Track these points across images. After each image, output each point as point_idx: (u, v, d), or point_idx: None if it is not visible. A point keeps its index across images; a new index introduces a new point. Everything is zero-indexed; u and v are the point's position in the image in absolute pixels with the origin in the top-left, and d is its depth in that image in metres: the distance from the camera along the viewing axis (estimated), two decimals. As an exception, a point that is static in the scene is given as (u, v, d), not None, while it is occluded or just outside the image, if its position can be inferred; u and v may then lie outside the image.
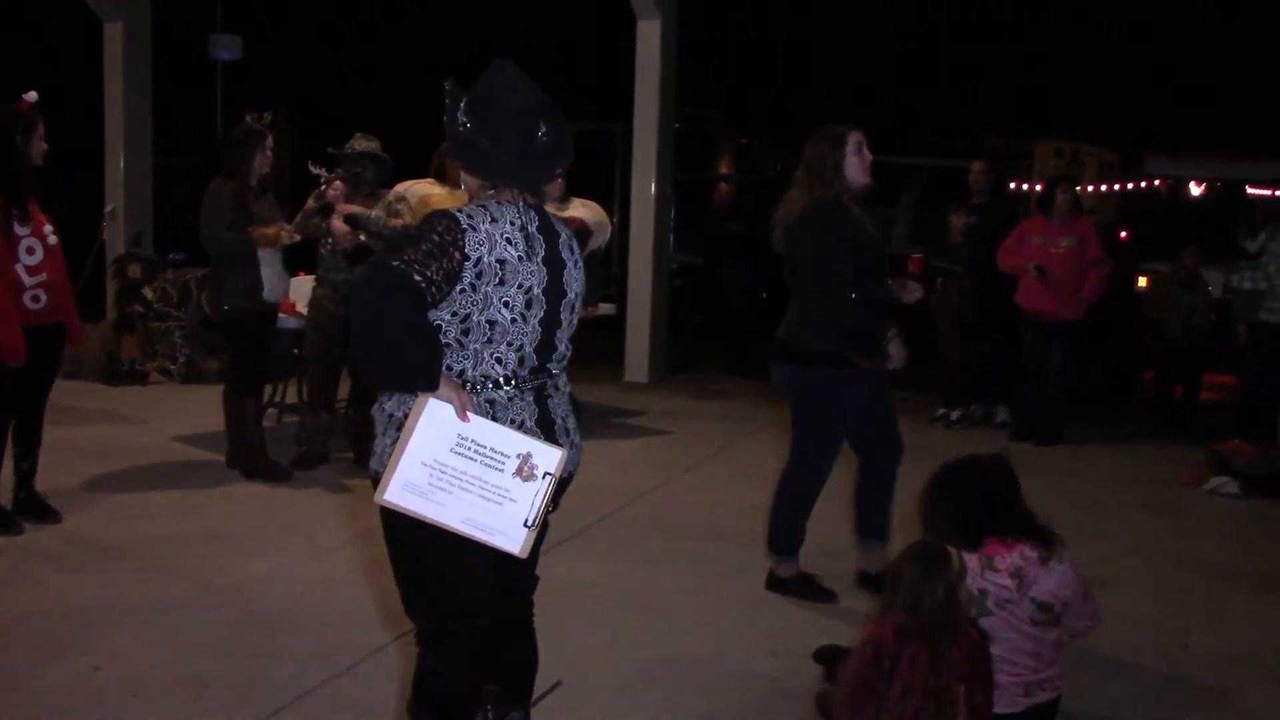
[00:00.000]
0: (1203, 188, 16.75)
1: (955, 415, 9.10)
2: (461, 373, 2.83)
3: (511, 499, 2.78)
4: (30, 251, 5.35)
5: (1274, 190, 15.75)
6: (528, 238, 2.86)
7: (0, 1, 15.97)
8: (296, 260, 7.07)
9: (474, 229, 2.77)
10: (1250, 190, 16.26)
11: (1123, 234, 15.70)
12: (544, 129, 2.92)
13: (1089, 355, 10.52)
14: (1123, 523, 6.55)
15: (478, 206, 2.84)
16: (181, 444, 7.53)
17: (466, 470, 2.77)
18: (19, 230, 5.33)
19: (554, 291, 2.91)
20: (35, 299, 5.38)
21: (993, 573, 3.57)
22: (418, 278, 2.69)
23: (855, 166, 4.85)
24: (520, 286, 2.82)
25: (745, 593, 5.13)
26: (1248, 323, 8.73)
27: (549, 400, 2.96)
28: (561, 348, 2.98)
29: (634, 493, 6.69)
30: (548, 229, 2.94)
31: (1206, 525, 6.61)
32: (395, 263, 2.70)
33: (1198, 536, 6.36)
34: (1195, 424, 8.82)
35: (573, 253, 3.00)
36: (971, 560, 3.58)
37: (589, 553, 5.56)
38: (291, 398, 8.33)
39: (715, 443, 8.24)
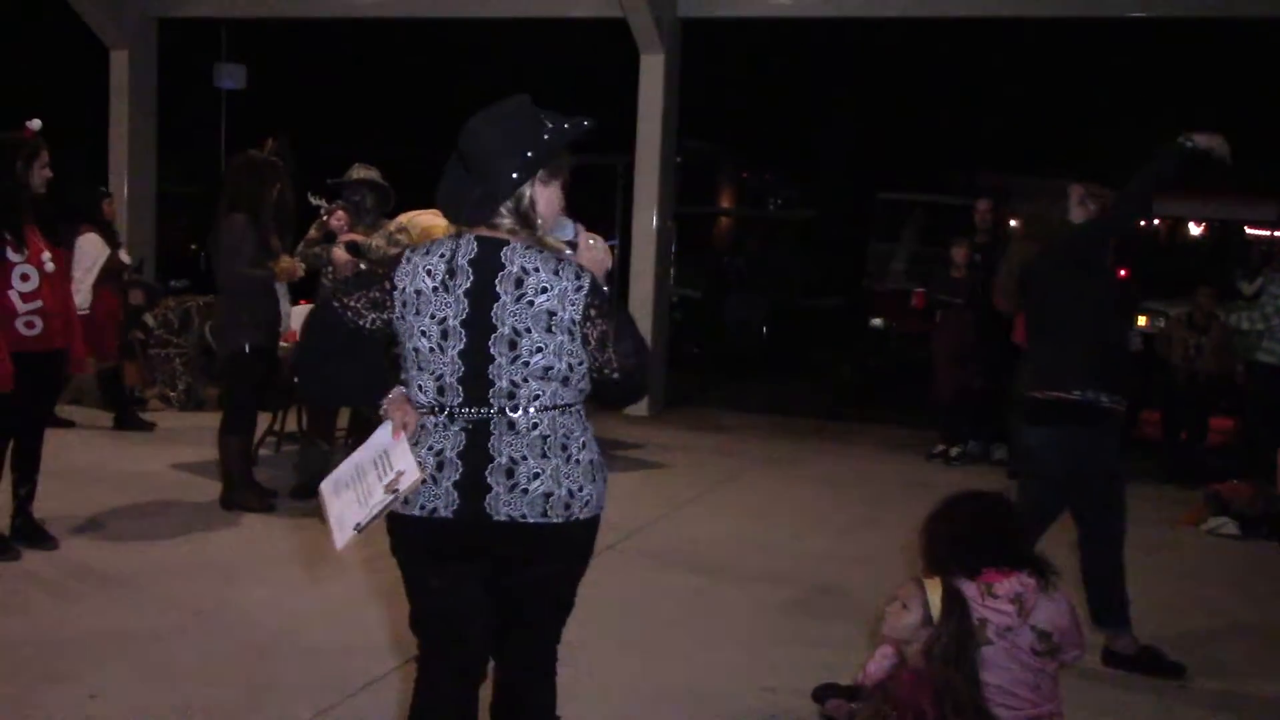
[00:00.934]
0: (1202, 228, 16.78)
1: (954, 452, 9.09)
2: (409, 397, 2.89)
3: (367, 504, 2.84)
4: (25, 279, 5.37)
5: (1273, 231, 15.78)
6: (450, 269, 2.76)
7: (6, 29, 16.08)
8: (297, 289, 7.08)
9: (407, 260, 2.83)
10: (1249, 230, 16.28)
11: (1122, 272, 15.72)
12: (488, 172, 2.76)
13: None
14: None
15: (437, 240, 2.87)
16: (180, 471, 7.52)
17: (366, 475, 2.87)
18: (13, 257, 5.35)
19: (477, 324, 2.74)
20: (30, 325, 5.38)
21: (992, 599, 3.57)
22: (336, 304, 2.86)
23: (1081, 218, 4.74)
24: (434, 317, 2.77)
25: (744, 628, 5.12)
26: (1246, 363, 8.75)
27: (491, 437, 2.78)
28: (501, 383, 2.75)
29: (632, 527, 6.67)
30: (485, 262, 2.75)
31: (1204, 566, 6.59)
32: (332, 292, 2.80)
33: (1196, 577, 6.34)
34: (1196, 465, 8.80)
35: (519, 286, 2.73)
36: (970, 589, 3.58)
37: (588, 586, 5.51)
38: (291, 426, 8.32)
39: (715, 476, 8.24)
